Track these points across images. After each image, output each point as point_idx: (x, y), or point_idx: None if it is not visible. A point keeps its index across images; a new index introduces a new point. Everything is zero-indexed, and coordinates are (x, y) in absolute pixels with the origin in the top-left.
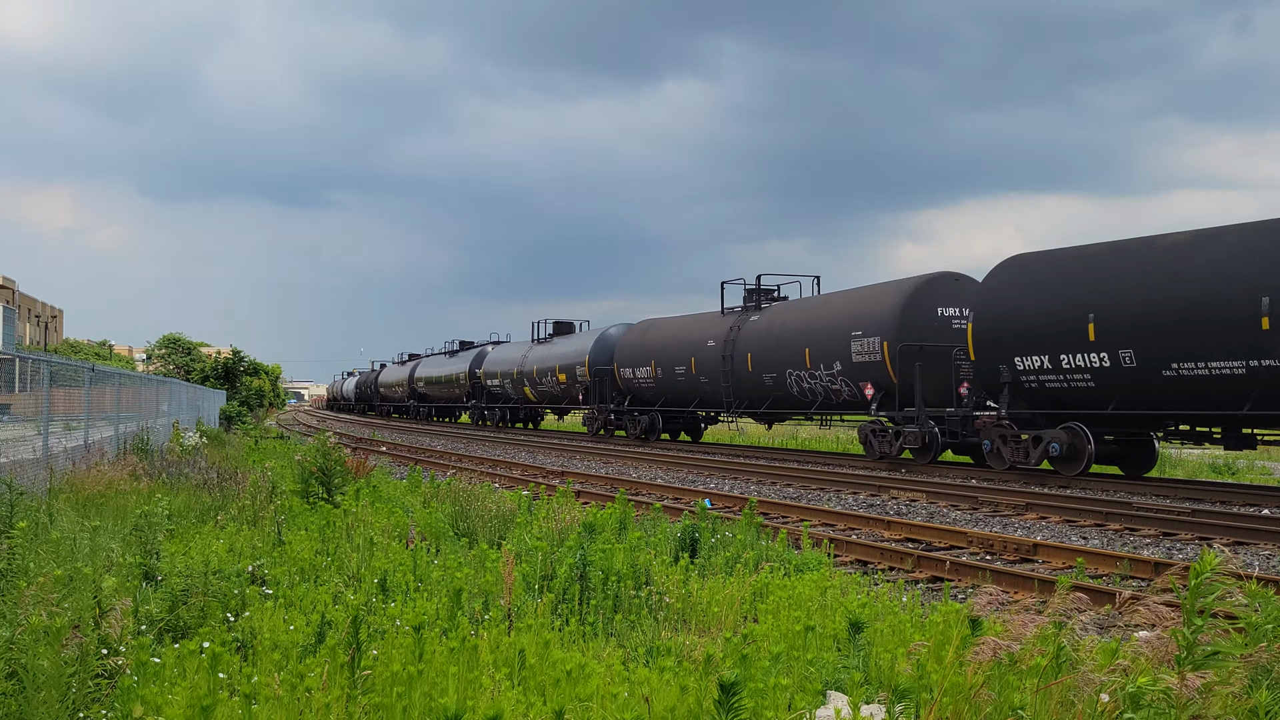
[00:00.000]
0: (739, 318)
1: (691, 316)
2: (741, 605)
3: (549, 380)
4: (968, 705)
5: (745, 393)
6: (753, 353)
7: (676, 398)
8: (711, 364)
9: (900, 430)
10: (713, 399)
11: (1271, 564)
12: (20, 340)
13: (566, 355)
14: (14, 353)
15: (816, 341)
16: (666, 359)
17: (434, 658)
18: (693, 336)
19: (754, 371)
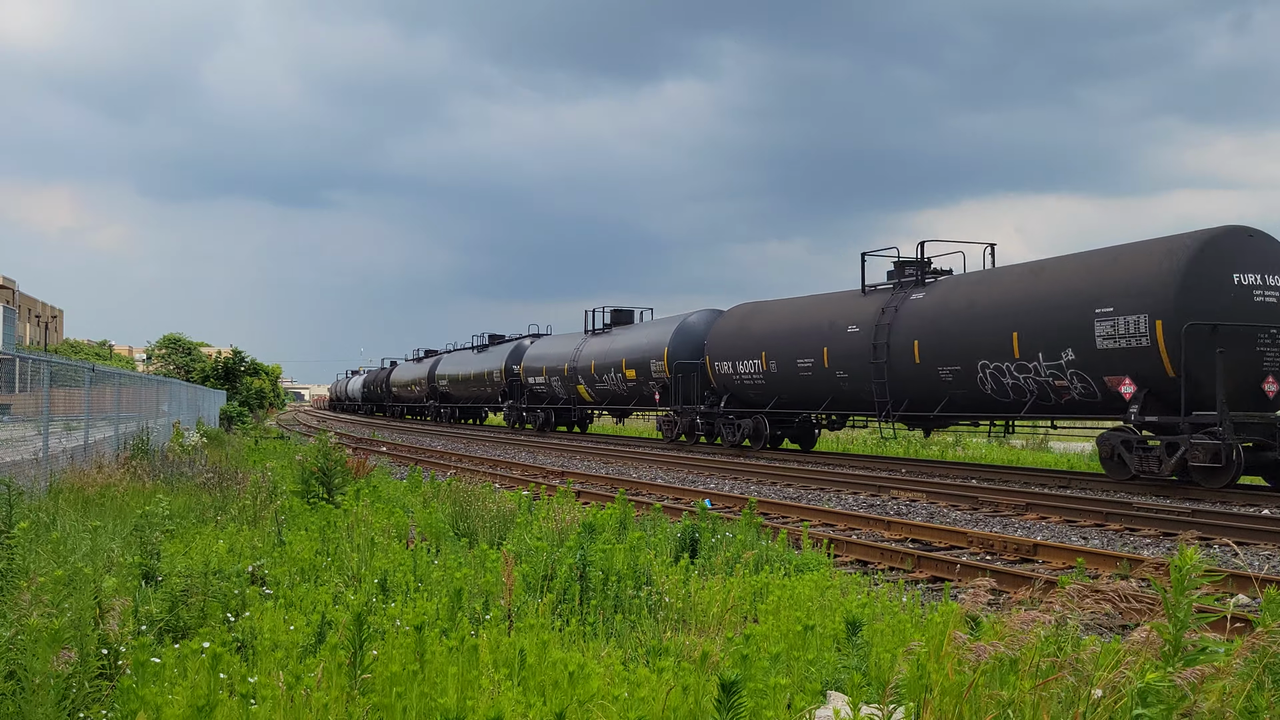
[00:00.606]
0: (893, 296)
1: (817, 297)
2: (741, 605)
3: (612, 377)
4: (967, 706)
5: (908, 391)
6: (920, 340)
7: (796, 398)
8: (854, 355)
9: (1175, 442)
10: (853, 399)
11: (1272, 564)
12: (20, 340)
13: (636, 348)
14: (14, 353)
15: (1031, 323)
16: (784, 350)
17: (434, 658)
18: (821, 321)
19: (923, 364)
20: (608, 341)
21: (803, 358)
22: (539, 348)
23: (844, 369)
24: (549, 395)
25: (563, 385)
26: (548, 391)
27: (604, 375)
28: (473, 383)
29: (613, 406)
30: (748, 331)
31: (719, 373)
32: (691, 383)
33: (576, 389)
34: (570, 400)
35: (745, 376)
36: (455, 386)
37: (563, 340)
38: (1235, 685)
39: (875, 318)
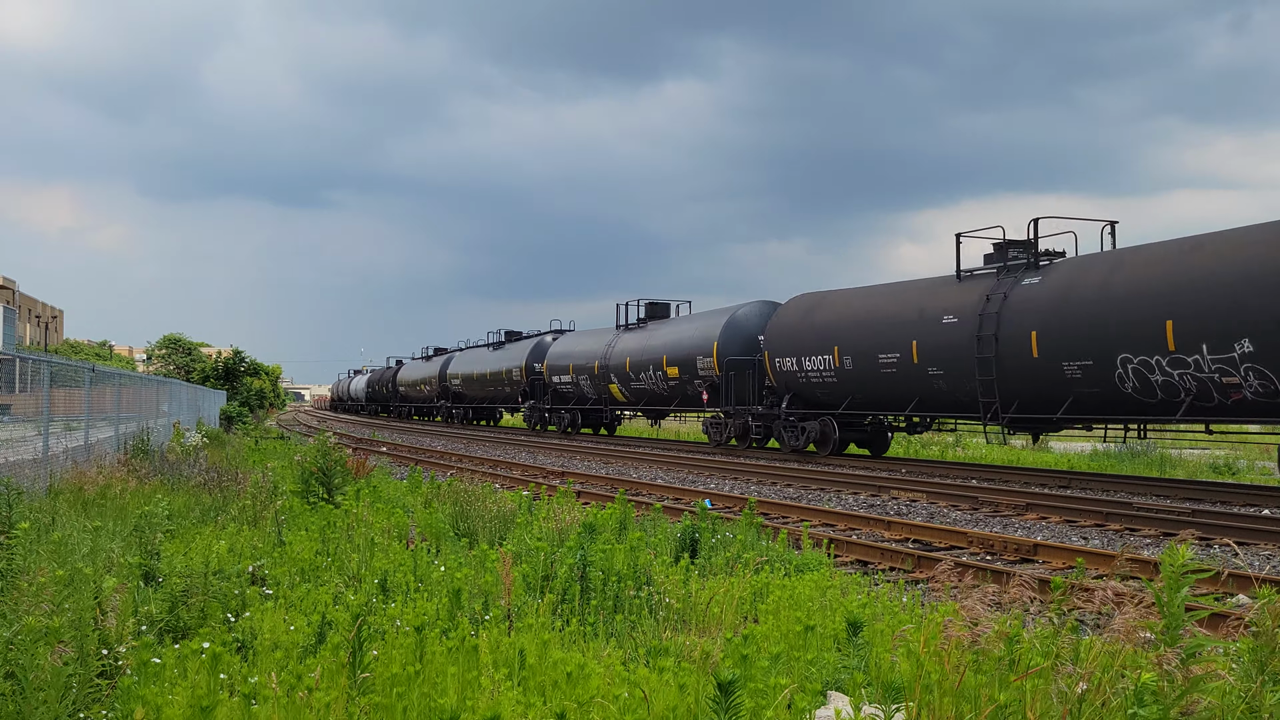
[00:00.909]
0: (999, 282)
1: (899, 285)
2: (741, 605)
3: (650, 376)
4: (967, 705)
5: (1021, 389)
6: (1040, 331)
7: (875, 397)
8: (951, 349)
9: None
10: (948, 399)
11: (1272, 564)
12: (20, 340)
13: (677, 344)
14: (14, 353)
15: (1191, 309)
16: (860, 344)
17: (434, 658)
18: (907, 311)
19: (1042, 358)
20: (644, 337)
21: (886, 352)
22: (564, 344)
23: (938, 365)
24: (576, 395)
25: (592, 384)
26: (574, 391)
27: (641, 374)
28: (489, 382)
29: (650, 407)
30: (814, 324)
31: (780, 370)
32: (746, 381)
33: (608, 388)
34: (601, 400)
35: (812, 374)
36: (469, 386)
37: (591, 336)
38: (1236, 684)
39: (978, 306)
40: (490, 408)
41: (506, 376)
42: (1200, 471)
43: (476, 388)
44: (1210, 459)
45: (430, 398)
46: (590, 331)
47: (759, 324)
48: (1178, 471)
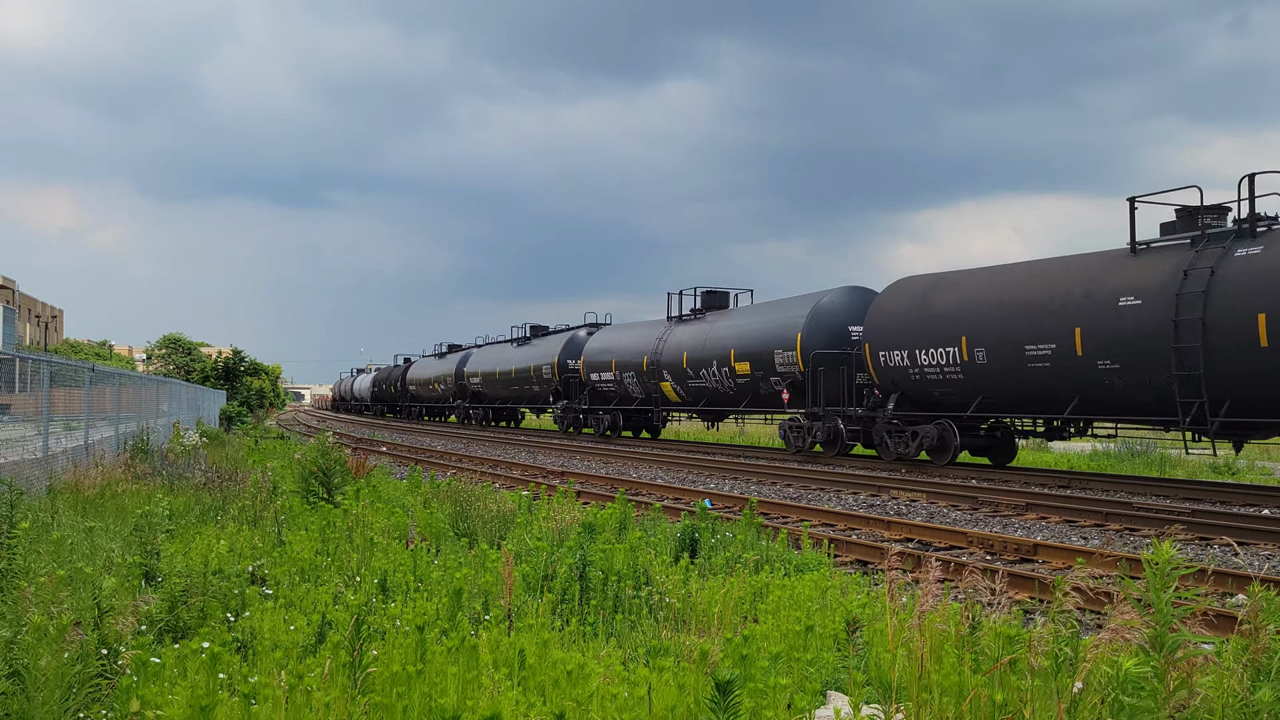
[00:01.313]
0: (1198, 254)
1: (1043, 262)
2: (741, 605)
3: (714, 373)
4: (968, 706)
5: (1242, 386)
6: (1271, 313)
7: (1016, 397)
8: (1131, 337)
9: None
10: (1125, 398)
11: (1272, 564)
12: (20, 340)
13: (750, 335)
14: (14, 353)
15: None
16: (1001, 333)
17: (434, 658)
18: (1066, 293)
19: (1273, 348)
20: (703, 330)
21: (1036, 343)
22: (604, 339)
23: (1111, 357)
24: (619, 394)
25: (639, 383)
26: (617, 390)
27: (701, 370)
28: (513, 380)
29: (713, 408)
30: (933, 310)
31: (884, 365)
32: (837, 378)
33: (659, 386)
34: (649, 400)
35: (929, 369)
36: (490, 385)
37: (637, 330)
38: (1231, 681)
39: (1169, 284)
40: (512, 408)
41: (535, 374)
42: (1200, 471)
43: (499, 387)
44: (1210, 459)
45: (444, 397)
46: (635, 324)
47: (848, 313)
48: (1178, 471)
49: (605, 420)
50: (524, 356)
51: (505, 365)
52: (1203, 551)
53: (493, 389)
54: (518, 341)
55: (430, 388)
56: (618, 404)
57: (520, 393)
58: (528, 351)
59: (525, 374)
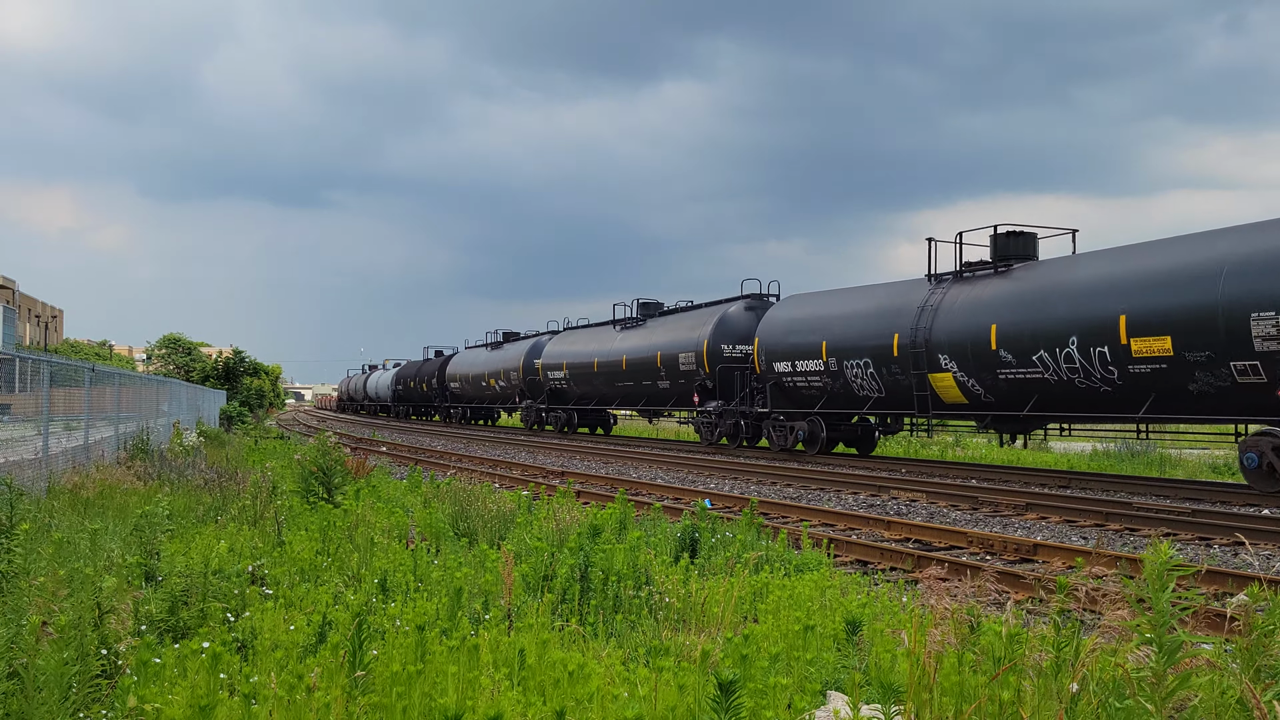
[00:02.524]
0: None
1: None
2: (741, 605)
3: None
4: (968, 704)
5: None
6: None
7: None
8: None
9: None
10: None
11: (1271, 564)
12: (20, 340)
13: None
14: (14, 353)
15: None
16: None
17: (434, 657)
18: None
19: None
20: (642, 335)
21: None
22: (783, 311)
23: None
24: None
25: (595, 383)
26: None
27: (642, 373)
28: (629, 372)
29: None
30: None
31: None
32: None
33: (613, 386)
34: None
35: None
36: (584, 381)
37: (587, 334)
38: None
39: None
40: (598, 411)
41: (667, 364)
42: (1200, 471)
43: (596, 382)
44: (1210, 459)
45: (504, 396)
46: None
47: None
48: (1178, 471)
49: (793, 435)
50: (639, 342)
51: (611, 353)
52: (1203, 552)
53: (584, 385)
54: (624, 325)
55: (484, 384)
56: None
57: (626, 390)
58: (644, 336)
59: (648, 366)
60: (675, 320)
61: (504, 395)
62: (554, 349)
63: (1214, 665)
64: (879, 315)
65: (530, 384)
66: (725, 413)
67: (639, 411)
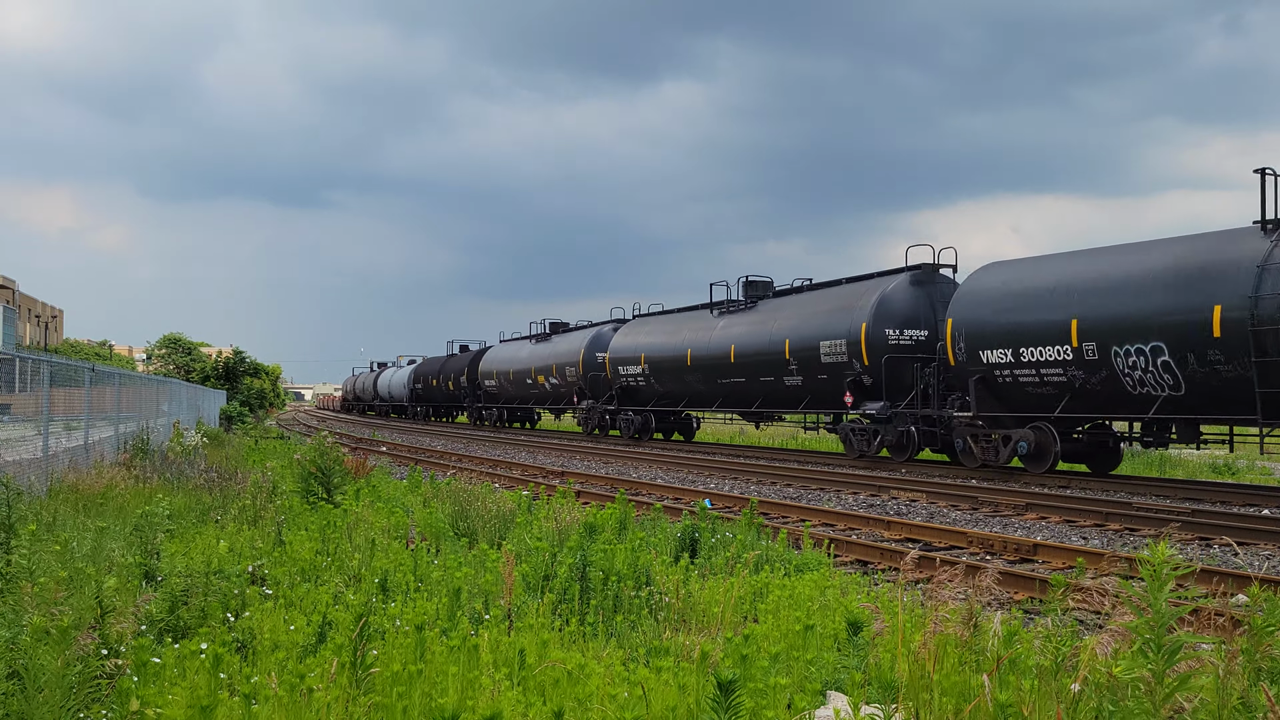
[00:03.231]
0: None
1: None
2: (741, 605)
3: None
4: (965, 702)
5: None
6: None
7: None
8: None
9: None
10: None
11: (1272, 564)
12: (20, 340)
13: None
14: (14, 353)
15: None
16: None
17: (434, 657)
18: None
19: None
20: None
21: None
22: (1008, 275)
23: None
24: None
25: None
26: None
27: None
28: (738, 366)
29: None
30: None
31: None
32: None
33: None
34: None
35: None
36: (671, 378)
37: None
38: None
39: None
40: (679, 412)
41: (794, 356)
42: (1200, 471)
43: (695, 379)
44: (1210, 459)
45: (555, 395)
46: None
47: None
48: (1177, 471)
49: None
50: (742, 329)
51: (709, 345)
52: (1203, 552)
53: (667, 383)
54: (724, 308)
55: (529, 383)
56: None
57: (747, 388)
58: (745, 322)
59: (762, 358)
60: (805, 301)
61: (555, 394)
62: (625, 340)
63: (1215, 665)
64: (1178, 279)
65: (593, 381)
66: (896, 416)
67: (744, 414)
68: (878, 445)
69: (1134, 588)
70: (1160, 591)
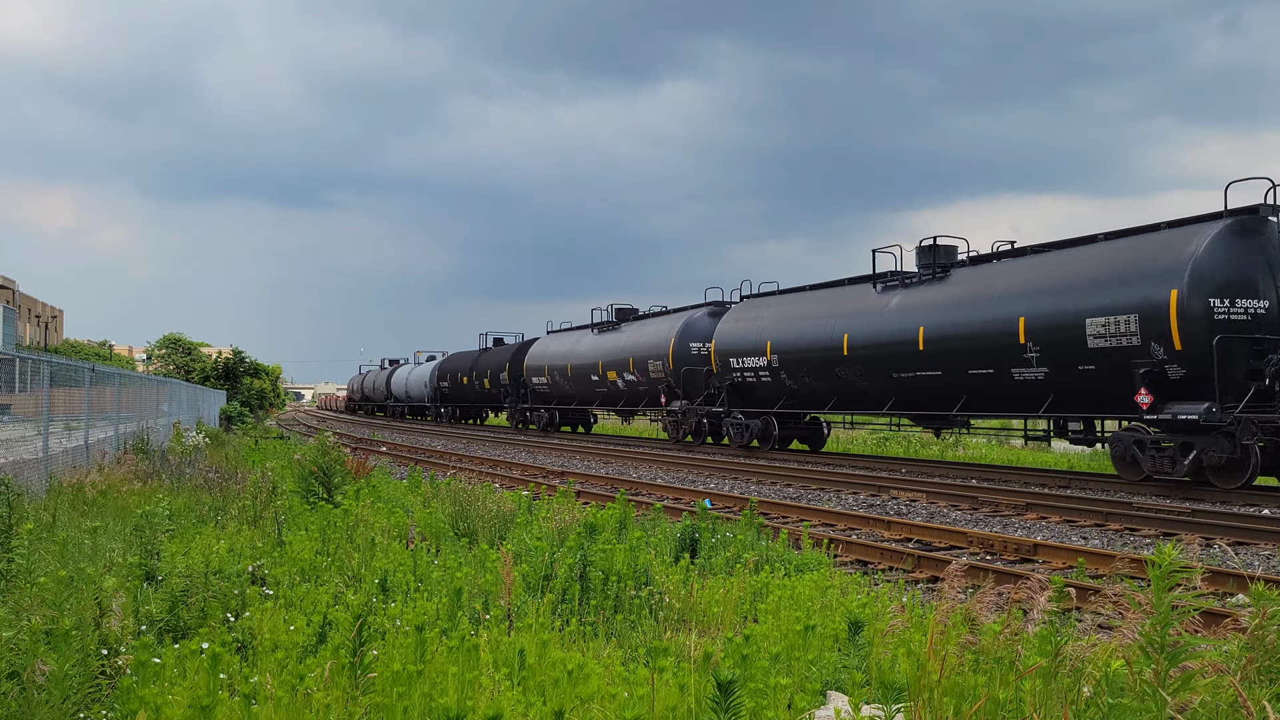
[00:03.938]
0: None
1: None
2: (741, 605)
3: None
4: (966, 704)
5: None
6: None
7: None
8: None
9: None
10: None
11: (1272, 564)
12: (20, 340)
13: None
14: (14, 353)
15: None
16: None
17: (434, 658)
18: None
19: None
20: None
21: None
22: None
23: None
24: None
25: None
26: None
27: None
28: (929, 355)
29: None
30: (754, 324)
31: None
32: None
33: None
34: None
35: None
36: (808, 371)
37: None
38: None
39: None
40: (805, 416)
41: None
42: None
43: (857, 374)
44: None
45: (629, 394)
46: None
47: (712, 327)
48: None
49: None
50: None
51: (881, 326)
52: (1203, 552)
53: (814, 376)
54: (884, 280)
55: (591, 379)
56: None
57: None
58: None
59: (983, 344)
60: (1043, 265)
61: (631, 393)
62: (739, 326)
63: (1219, 669)
64: None
65: (687, 377)
66: (1228, 422)
67: (926, 419)
68: (1189, 465)
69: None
70: (1163, 593)
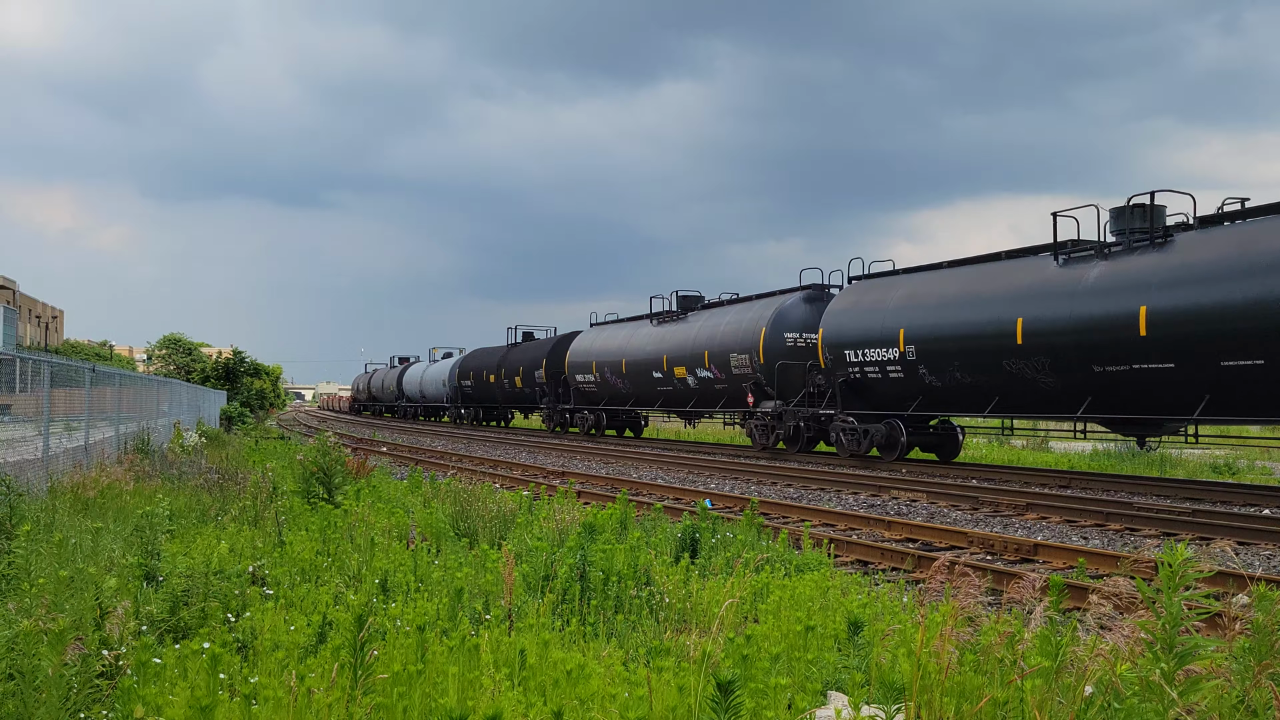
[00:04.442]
0: None
1: None
2: (742, 605)
3: None
4: (966, 704)
5: None
6: None
7: None
8: None
9: None
10: None
11: (1272, 564)
12: (20, 340)
13: None
14: (14, 353)
15: None
16: None
17: (434, 658)
18: None
19: None
20: None
21: None
22: None
23: None
24: None
25: None
26: None
27: None
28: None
29: None
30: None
31: None
32: None
33: None
34: None
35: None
36: (961, 364)
37: None
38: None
39: None
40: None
41: None
42: (1200, 471)
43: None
44: (1210, 459)
45: (706, 394)
46: None
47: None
48: (1178, 471)
49: None
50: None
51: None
52: (1204, 552)
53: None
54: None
55: (653, 376)
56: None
57: None
58: None
59: None
60: None
61: (705, 392)
62: (859, 308)
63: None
64: None
65: (782, 374)
66: None
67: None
68: None
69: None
70: (1171, 594)
